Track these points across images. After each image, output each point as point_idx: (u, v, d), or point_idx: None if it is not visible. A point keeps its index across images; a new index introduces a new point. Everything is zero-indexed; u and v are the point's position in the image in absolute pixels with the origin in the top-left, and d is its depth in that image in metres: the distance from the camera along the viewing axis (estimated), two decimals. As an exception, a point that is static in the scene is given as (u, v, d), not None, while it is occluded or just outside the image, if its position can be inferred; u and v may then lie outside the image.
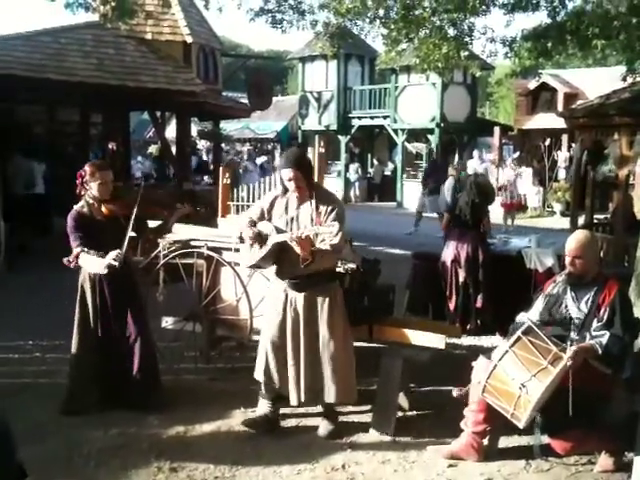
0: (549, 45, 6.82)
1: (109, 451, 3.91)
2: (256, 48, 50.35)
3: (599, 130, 8.49)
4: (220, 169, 9.37)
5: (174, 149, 12.84)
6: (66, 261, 4.30)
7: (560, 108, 18.16)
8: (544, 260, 6.13)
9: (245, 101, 15.32)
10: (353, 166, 22.68)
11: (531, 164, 18.85)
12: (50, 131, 13.44)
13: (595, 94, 9.98)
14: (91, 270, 4.33)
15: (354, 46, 18.64)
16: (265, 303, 4.42)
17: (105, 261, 4.21)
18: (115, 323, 4.43)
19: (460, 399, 3.95)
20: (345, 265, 4.51)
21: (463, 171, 15.41)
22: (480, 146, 22.10)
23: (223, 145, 22.73)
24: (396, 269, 7.01)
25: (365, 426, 4.27)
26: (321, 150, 12.84)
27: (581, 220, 9.46)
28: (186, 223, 5.19)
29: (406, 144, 21.31)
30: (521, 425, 3.52)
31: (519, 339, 3.58)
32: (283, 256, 3.95)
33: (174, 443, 4.06)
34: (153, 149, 20.77)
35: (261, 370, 4.16)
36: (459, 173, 14.54)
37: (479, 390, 3.65)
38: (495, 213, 10.29)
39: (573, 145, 12.56)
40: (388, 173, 22.85)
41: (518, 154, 19.26)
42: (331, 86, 22.28)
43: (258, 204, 4.31)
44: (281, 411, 4.33)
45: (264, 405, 4.25)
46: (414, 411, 4.56)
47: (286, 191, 4.05)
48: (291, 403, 4.13)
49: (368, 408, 4.42)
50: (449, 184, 14.12)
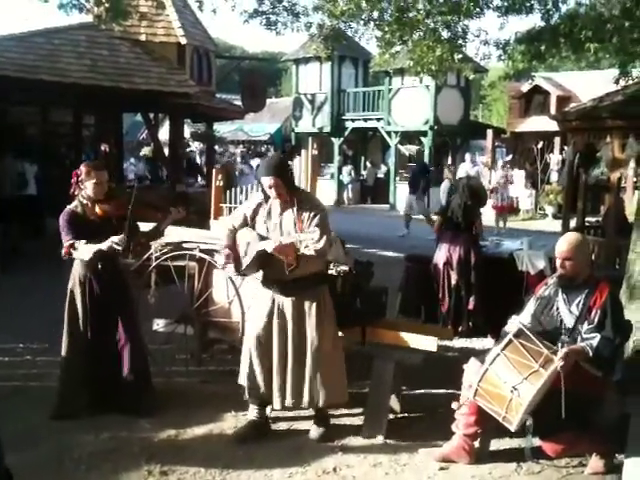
0: (542, 48, 6.85)
1: (100, 455, 3.89)
2: (250, 50, 50.47)
3: (591, 133, 8.51)
4: (213, 171, 9.36)
5: (167, 151, 12.82)
6: (64, 253, 4.27)
7: (553, 111, 18.25)
8: (536, 262, 6.14)
9: (239, 103, 15.29)
10: (346, 168, 22.70)
11: (524, 167, 18.92)
12: (43, 132, 13.39)
13: (588, 97, 10.02)
14: (89, 256, 4.22)
15: (348, 48, 18.66)
16: (252, 307, 4.40)
17: (107, 242, 4.17)
18: (106, 326, 4.40)
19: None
20: (338, 267, 4.51)
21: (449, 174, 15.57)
22: (473, 149, 22.18)
23: (216, 147, 22.71)
24: (389, 271, 7.01)
25: (357, 429, 4.27)
26: (314, 152, 12.88)
27: (573, 223, 9.48)
28: (178, 225, 5.18)
29: (399, 147, 21.34)
30: (513, 428, 3.53)
31: (510, 342, 3.58)
32: (268, 262, 3.92)
33: (165, 446, 4.04)
34: (146, 151, 20.74)
35: (245, 375, 4.13)
36: (454, 176, 14.65)
37: (471, 393, 3.65)
38: (487, 216, 10.31)
39: (565, 148, 12.58)
40: (381, 175, 22.88)
41: (511, 157, 19.31)
42: (325, 88, 22.30)
43: (241, 210, 4.25)
44: (272, 414, 4.32)
45: (252, 410, 4.23)
46: (406, 414, 4.55)
47: (268, 198, 4.03)
48: (274, 407, 4.11)
49: (359, 411, 4.41)
50: (445, 186, 14.17)
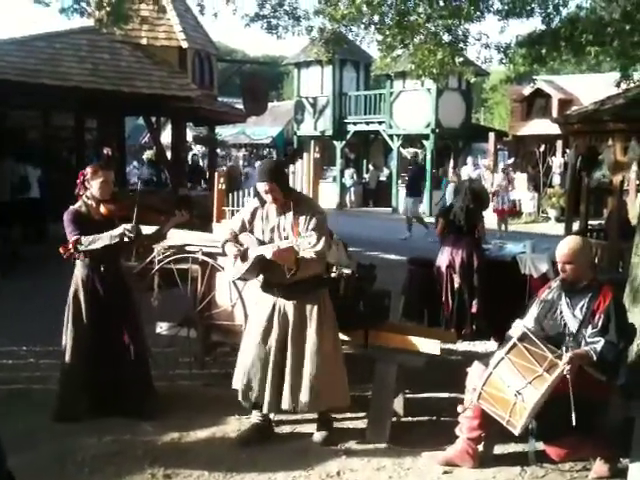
0: (543, 51, 6.83)
1: (103, 458, 3.89)
2: (252, 53, 50.53)
3: (593, 136, 8.51)
4: (215, 174, 9.36)
5: (169, 154, 12.83)
6: (64, 250, 4.26)
7: (555, 114, 18.23)
8: (539, 266, 6.14)
9: (240, 106, 15.31)
10: (348, 171, 22.71)
11: (526, 170, 18.91)
12: (44, 136, 13.41)
13: (589, 100, 10.01)
14: (102, 244, 4.21)
15: (349, 52, 18.69)
16: (254, 311, 4.38)
17: (119, 229, 4.19)
18: (109, 329, 4.40)
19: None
20: (341, 270, 4.50)
21: (444, 177, 15.61)
22: (475, 152, 22.17)
23: (218, 150, 22.74)
24: (391, 274, 7.02)
25: (360, 432, 4.26)
26: (316, 155, 12.89)
27: (576, 226, 9.47)
28: (181, 228, 5.18)
29: (401, 150, 21.35)
30: (517, 432, 3.52)
31: (515, 346, 3.57)
32: (268, 267, 3.92)
33: (168, 450, 4.04)
34: (148, 154, 20.76)
35: (239, 378, 4.11)
36: (460, 179, 14.66)
37: (474, 397, 3.65)
38: (490, 219, 10.31)
39: (567, 151, 12.58)
40: (383, 178, 22.88)
41: (513, 160, 19.31)
42: (326, 92, 22.32)
43: (239, 216, 4.27)
44: (276, 417, 4.31)
45: (256, 413, 4.20)
46: (409, 417, 4.53)
47: (264, 203, 4.03)
48: (264, 411, 4.08)
49: (363, 414, 4.41)
50: (450, 189, 14.13)
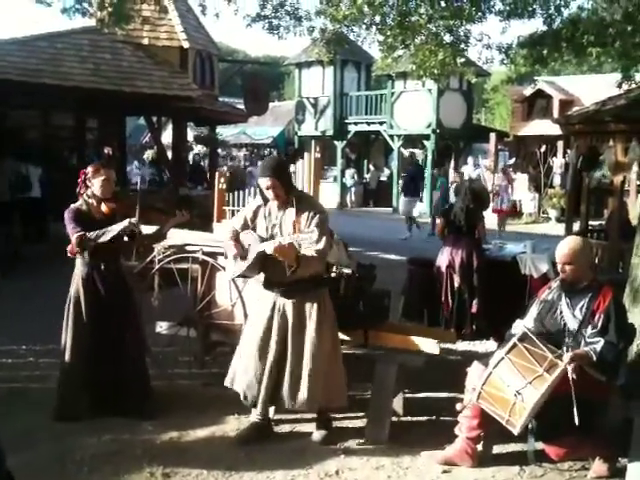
0: (545, 52, 6.84)
1: (102, 457, 3.89)
2: (253, 54, 50.52)
3: (594, 137, 8.52)
4: (216, 174, 9.37)
5: (170, 154, 12.83)
6: (71, 250, 4.29)
7: (556, 115, 18.24)
8: (539, 266, 6.14)
9: (241, 106, 15.31)
10: (349, 171, 22.73)
11: (527, 170, 18.90)
12: (45, 135, 13.40)
13: (590, 101, 10.03)
14: (110, 236, 4.21)
15: (350, 52, 18.68)
16: (254, 309, 4.38)
17: (124, 222, 4.22)
18: (109, 328, 4.40)
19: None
20: (341, 270, 4.50)
21: (441, 176, 15.65)
22: (476, 152, 22.17)
23: (219, 150, 22.73)
24: (391, 274, 7.02)
25: (359, 432, 4.26)
26: (317, 155, 12.92)
27: (576, 226, 9.47)
28: (181, 228, 5.19)
29: (402, 150, 21.35)
30: (516, 432, 3.52)
31: (515, 346, 3.58)
32: (269, 264, 3.93)
33: (168, 449, 4.04)
34: (150, 154, 20.75)
35: (232, 377, 4.11)
36: (462, 178, 14.69)
37: (474, 396, 3.65)
38: (490, 219, 10.31)
39: (568, 151, 12.60)
40: (384, 179, 22.90)
41: (514, 160, 19.30)
42: (327, 92, 22.32)
43: (241, 213, 4.30)
44: (275, 417, 4.32)
45: (254, 412, 4.20)
46: (408, 417, 4.54)
47: (267, 199, 4.04)
48: (259, 409, 4.08)
49: (362, 414, 4.41)
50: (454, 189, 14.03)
